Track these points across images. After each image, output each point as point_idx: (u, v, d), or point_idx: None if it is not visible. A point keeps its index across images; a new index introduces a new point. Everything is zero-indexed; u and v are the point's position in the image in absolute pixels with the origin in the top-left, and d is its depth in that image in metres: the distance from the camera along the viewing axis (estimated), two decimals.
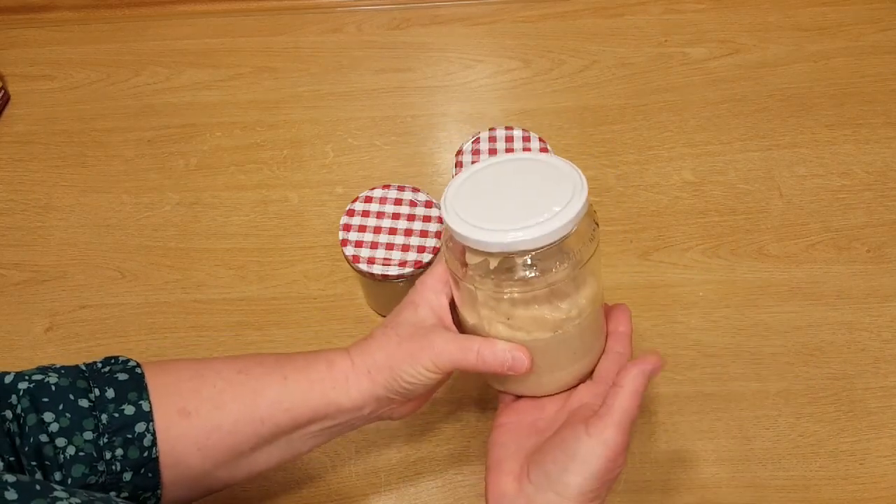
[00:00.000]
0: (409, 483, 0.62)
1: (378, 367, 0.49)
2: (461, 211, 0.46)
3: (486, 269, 0.46)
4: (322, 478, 0.62)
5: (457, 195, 0.48)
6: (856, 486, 0.60)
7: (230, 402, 0.49)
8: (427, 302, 0.50)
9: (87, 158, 0.81)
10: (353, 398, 0.49)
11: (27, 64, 0.89)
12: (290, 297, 0.71)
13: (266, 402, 0.49)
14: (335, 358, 0.50)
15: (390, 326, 0.50)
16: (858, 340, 0.66)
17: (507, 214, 0.45)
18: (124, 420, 0.47)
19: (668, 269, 0.71)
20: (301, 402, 0.49)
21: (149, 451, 0.47)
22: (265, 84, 0.86)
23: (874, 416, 0.63)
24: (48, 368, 0.48)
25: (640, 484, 0.61)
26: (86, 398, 0.47)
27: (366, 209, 0.64)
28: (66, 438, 0.46)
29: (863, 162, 0.77)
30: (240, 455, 0.50)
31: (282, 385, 0.49)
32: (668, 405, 0.64)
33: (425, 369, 0.48)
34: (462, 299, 0.50)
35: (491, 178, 0.49)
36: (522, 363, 0.48)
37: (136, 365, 0.50)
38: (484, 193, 0.47)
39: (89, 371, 0.49)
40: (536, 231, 0.44)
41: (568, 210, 0.44)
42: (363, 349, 0.50)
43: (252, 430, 0.49)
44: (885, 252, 0.71)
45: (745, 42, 0.86)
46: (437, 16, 0.90)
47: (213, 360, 0.52)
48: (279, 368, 0.50)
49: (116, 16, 0.92)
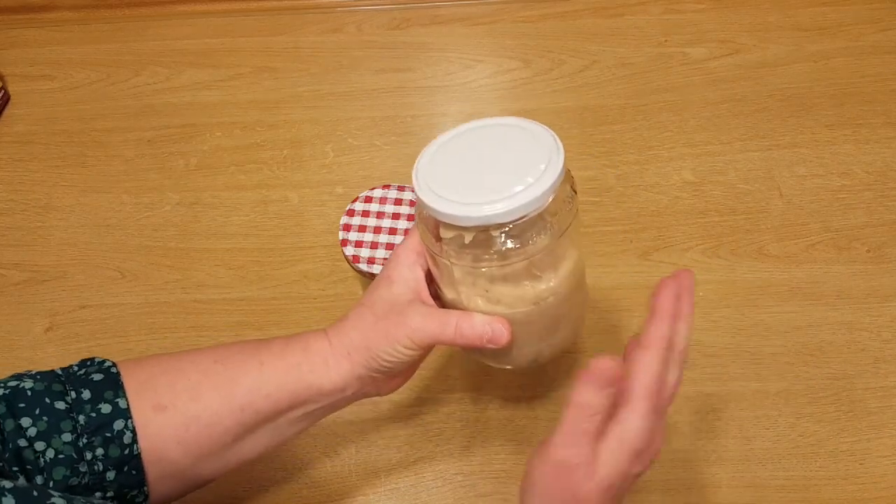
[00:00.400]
0: (409, 483, 0.62)
1: (356, 348, 0.48)
2: (433, 184, 0.44)
3: (461, 244, 0.45)
4: (322, 478, 0.62)
5: (429, 166, 0.46)
6: (856, 486, 0.60)
7: (207, 393, 0.48)
8: (402, 276, 0.49)
9: (87, 158, 0.81)
10: (333, 380, 0.49)
11: (27, 64, 0.89)
12: (290, 297, 0.71)
13: (244, 390, 0.48)
14: (312, 340, 0.50)
15: (366, 304, 0.49)
16: (858, 340, 0.66)
17: (481, 186, 0.43)
18: (102, 419, 0.47)
19: (668, 269, 0.71)
20: (279, 387, 0.48)
21: (129, 448, 0.47)
22: (265, 84, 0.86)
23: (874, 416, 0.63)
24: (23, 375, 0.48)
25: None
26: (62, 401, 0.47)
27: (366, 209, 0.64)
28: (44, 442, 0.45)
29: (863, 162, 0.77)
30: (223, 446, 0.49)
31: (258, 371, 0.49)
32: None
33: (403, 346, 0.47)
34: (439, 273, 0.48)
35: (463, 147, 0.47)
36: (502, 335, 0.46)
37: (111, 365, 0.49)
38: (456, 164, 0.45)
39: (65, 375, 0.49)
40: (512, 203, 0.42)
41: (544, 179, 0.42)
42: (340, 330, 0.49)
43: (232, 419, 0.48)
44: (885, 252, 0.71)
45: (745, 42, 0.86)
46: (437, 16, 0.90)
47: (190, 352, 0.51)
48: (256, 355, 0.49)
49: (116, 16, 0.92)
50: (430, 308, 0.48)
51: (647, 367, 0.42)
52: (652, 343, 0.43)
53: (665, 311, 0.44)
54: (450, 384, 0.65)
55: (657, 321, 0.43)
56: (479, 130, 0.48)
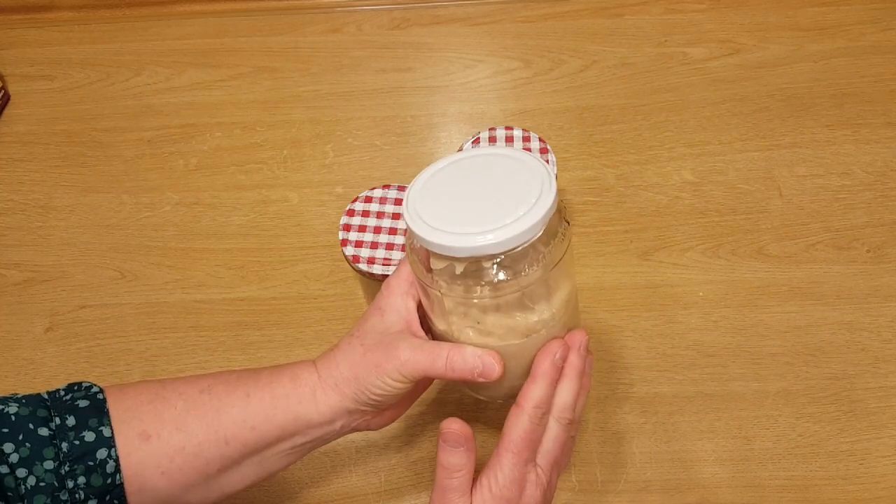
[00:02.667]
0: (409, 483, 0.62)
1: (344, 380, 0.47)
2: (424, 213, 0.44)
3: (452, 274, 0.44)
4: (322, 478, 0.62)
5: (420, 196, 0.45)
6: (856, 486, 0.60)
7: (192, 423, 0.47)
8: (393, 306, 0.48)
9: (87, 158, 0.81)
10: (321, 412, 0.48)
11: (27, 64, 0.89)
12: (290, 297, 0.71)
13: (230, 421, 0.47)
14: (300, 372, 0.49)
15: (356, 335, 0.49)
16: (858, 340, 0.66)
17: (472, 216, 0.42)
18: (85, 447, 0.46)
19: (668, 269, 0.71)
20: (266, 419, 0.47)
21: (112, 477, 0.46)
22: (265, 84, 0.86)
23: (874, 416, 0.63)
24: (9, 399, 0.47)
25: (640, 484, 0.61)
26: (46, 427, 0.46)
27: (366, 209, 0.64)
28: (26, 469, 0.44)
29: (863, 162, 0.77)
30: (207, 477, 0.48)
31: (245, 403, 0.48)
32: (668, 405, 0.64)
33: (392, 379, 0.46)
34: (430, 304, 0.48)
35: (455, 177, 0.46)
36: (493, 369, 0.46)
37: (98, 391, 0.48)
38: (447, 194, 0.45)
39: (51, 399, 0.48)
40: (503, 234, 0.41)
41: (536, 210, 0.42)
42: (329, 361, 0.49)
43: (217, 450, 0.47)
44: (885, 252, 0.71)
45: (745, 42, 0.86)
46: (437, 16, 0.90)
47: (176, 381, 0.50)
48: (242, 386, 0.48)
49: (116, 16, 0.92)
50: (421, 340, 0.47)
51: (514, 423, 0.46)
52: (523, 402, 0.46)
53: (538, 373, 0.46)
54: (450, 384, 0.65)
55: (530, 382, 0.46)
56: (471, 160, 0.47)
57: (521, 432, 0.45)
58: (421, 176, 0.47)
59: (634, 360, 0.66)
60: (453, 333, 0.47)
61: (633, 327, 0.68)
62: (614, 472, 0.61)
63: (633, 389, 0.65)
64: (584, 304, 0.69)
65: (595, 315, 0.69)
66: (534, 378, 0.46)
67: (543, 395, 0.46)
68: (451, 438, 0.45)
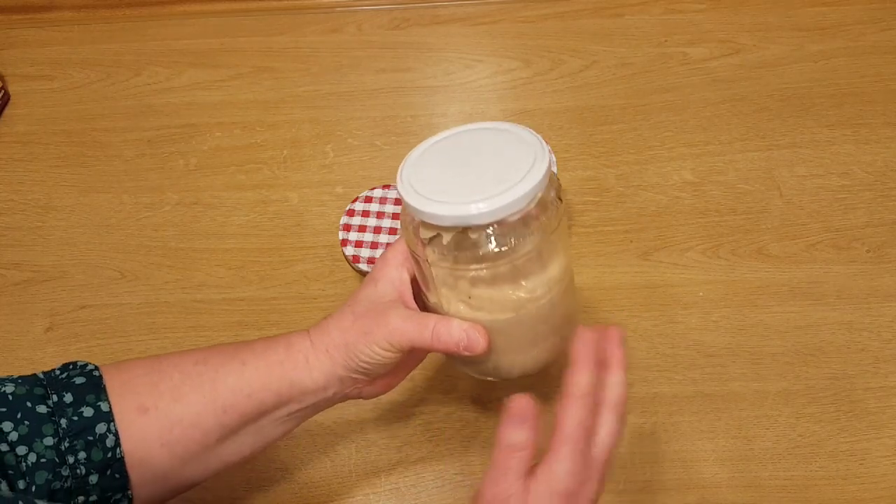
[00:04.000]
0: (409, 483, 0.62)
1: (335, 345, 0.48)
2: (416, 183, 0.44)
3: (440, 245, 0.44)
4: (322, 478, 0.62)
5: (414, 167, 0.45)
6: (856, 486, 0.60)
7: (189, 394, 0.48)
8: (387, 277, 0.49)
9: (87, 158, 0.81)
10: (314, 378, 0.48)
11: (27, 64, 0.89)
12: (290, 297, 0.71)
13: (226, 390, 0.48)
14: (294, 339, 0.50)
15: (348, 304, 0.50)
16: (858, 340, 0.66)
17: (462, 186, 0.42)
18: (84, 423, 0.46)
19: (668, 269, 0.71)
20: (262, 386, 0.48)
21: (112, 451, 0.46)
22: (265, 84, 0.86)
23: (874, 416, 0.63)
24: (5, 379, 0.47)
25: (640, 484, 0.61)
26: (44, 404, 0.46)
27: (366, 209, 0.64)
28: (26, 446, 0.45)
29: (863, 162, 0.77)
30: (207, 447, 0.48)
31: (240, 371, 0.48)
32: (668, 405, 0.64)
33: (380, 348, 0.47)
34: (422, 276, 0.48)
35: (451, 149, 0.46)
36: (478, 343, 0.46)
37: (93, 368, 0.49)
38: (442, 165, 0.45)
39: (47, 378, 0.48)
40: (491, 204, 0.41)
41: (525, 182, 0.42)
42: (321, 328, 0.49)
43: (215, 420, 0.48)
44: (885, 252, 0.71)
45: (745, 42, 0.86)
46: (437, 16, 0.90)
47: (172, 354, 0.50)
48: (237, 355, 0.49)
49: (116, 16, 0.92)
50: (410, 311, 0.48)
51: (568, 413, 0.44)
52: (573, 391, 0.44)
53: (582, 359, 0.44)
54: (450, 384, 0.65)
55: (575, 369, 0.44)
56: (468, 133, 0.47)
57: (576, 422, 0.44)
58: (418, 148, 0.47)
59: (634, 360, 0.66)
60: (443, 306, 0.47)
61: (633, 327, 0.68)
62: (614, 472, 0.61)
63: (633, 389, 0.65)
64: (584, 304, 0.69)
65: (595, 315, 0.69)
66: (577, 365, 0.45)
67: (590, 381, 0.44)
68: (517, 413, 0.43)
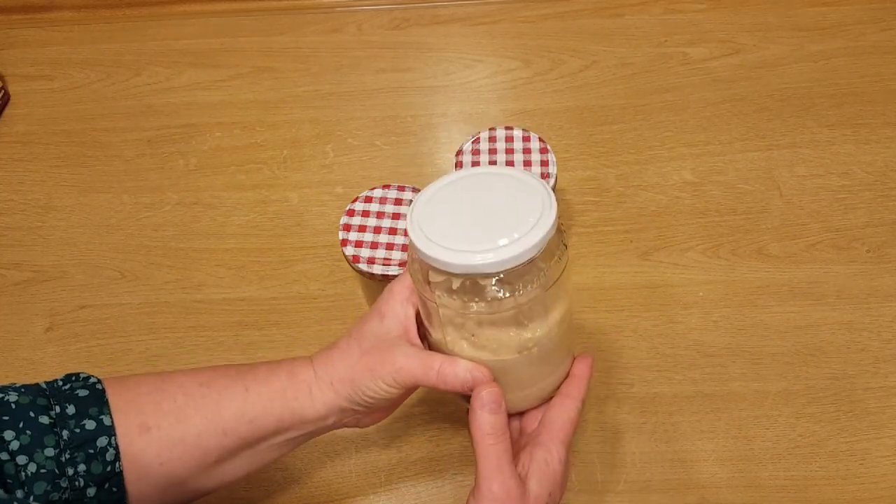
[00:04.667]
0: (409, 483, 0.62)
1: (340, 379, 0.49)
2: (426, 227, 0.45)
3: (449, 288, 0.45)
4: (322, 478, 0.62)
5: (423, 209, 0.46)
6: (856, 486, 0.60)
7: (192, 416, 0.48)
8: (393, 312, 0.49)
9: (87, 158, 0.81)
10: (316, 409, 0.49)
11: (27, 64, 0.89)
12: (290, 297, 0.71)
13: (229, 414, 0.48)
14: (297, 368, 0.50)
15: (354, 337, 0.50)
16: (858, 340, 0.66)
17: (472, 234, 0.43)
18: (86, 435, 0.46)
19: (668, 269, 0.71)
20: (263, 413, 0.49)
21: (112, 465, 0.47)
22: (265, 84, 0.86)
23: (874, 416, 0.63)
24: (8, 388, 0.48)
25: (640, 484, 0.61)
26: (46, 415, 0.46)
27: (366, 209, 0.64)
28: (27, 456, 0.45)
29: (863, 162, 0.77)
30: (205, 468, 0.49)
31: (243, 397, 0.49)
32: (668, 405, 0.64)
33: (385, 384, 0.48)
34: (427, 314, 0.49)
35: (459, 193, 0.47)
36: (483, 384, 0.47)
37: (96, 381, 0.49)
38: (450, 209, 0.46)
39: (50, 389, 0.49)
40: (501, 254, 0.42)
41: (534, 232, 0.43)
42: (326, 360, 0.50)
43: (216, 442, 0.49)
44: (885, 252, 0.71)
45: (745, 42, 0.86)
46: (437, 16, 0.90)
47: (175, 374, 0.51)
48: (241, 380, 0.50)
49: (116, 16, 0.92)
50: (416, 349, 0.48)
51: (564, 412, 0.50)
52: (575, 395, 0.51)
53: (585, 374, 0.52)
54: None
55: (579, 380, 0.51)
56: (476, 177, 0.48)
57: (570, 421, 0.49)
58: (428, 189, 0.48)
59: (634, 360, 0.66)
60: (447, 344, 0.48)
61: (633, 327, 0.68)
62: (614, 472, 0.61)
63: (633, 389, 0.65)
64: (585, 304, 0.69)
65: (595, 315, 0.69)
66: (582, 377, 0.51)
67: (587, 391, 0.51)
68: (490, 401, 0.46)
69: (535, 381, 0.51)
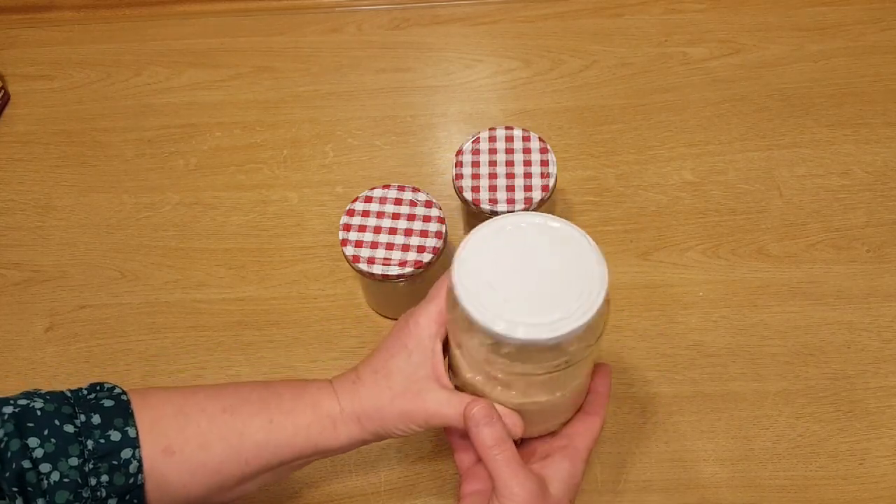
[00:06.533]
0: (409, 484, 0.62)
1: (369, 418, 0.49)
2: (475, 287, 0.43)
3: (498, 349, 0.45)
4: (322, 479, 0.62)
5: (470, 265, 0.44)
6: (856, 486, 0.60)
7: (215, 444, 0.48)
8: (421, 348, 0.49)
9: (87, 158, 0.81)
10: (340, 442, 0.50)
11: (27, 64, 0.89)
12: (290, 297, 0.71)
13: (252, 445, 0.49)
14: (321, 399, 0.50)
15: (380, 373, 0.49)
16: (858, 340, 0.66)
17: (531, 303, 0.42)
18: (111, 446, 0.46)
19: (668, 269, 0.71)
20: (286, 444, 0.49)
21: (134, 477, 0.47)
22: (265, 84, 0.86)
23: (874, 416, 0.63)
24: (33, 394, 0.48)
25: (640, 484, 0.61)
26: (71, 424, 0.46)
27: (366, 209, 0.64)
28: (50, 464, 0.45)
29: (863, 162, 0.77)
30: (224, 489, 0.50)
31: (268, 429, 0.49)
32: (668, 405, 0.64)
33: (416, 426, 0.49)
34: (459, 355, 0.48)
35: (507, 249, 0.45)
36: (515, 431, 0.48)
37: (121, 392, 0.50)
38: (500, 269, 0.44)
39: (74, 397, 0.49)
40: (561, 327, 0.41)
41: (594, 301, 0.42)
42: (352, 394, 0.50)
43: (237, 469, 0.49)
44: (885, 252, 0.71)
45: (745, 42, 0.86)
46: (437, 16, 0.90)
47: (198, 394, 0.51)
48: (265, 410, 0.50)
49: (116, 16, 0.92)
50: (448, 394, 0.48)
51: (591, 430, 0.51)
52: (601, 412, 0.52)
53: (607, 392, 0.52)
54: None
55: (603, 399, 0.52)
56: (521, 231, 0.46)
57: (593, 438, 0.51)
58: (471, 239, 0.45)
59: (634, 360, 0.66)
60: (478, 386, 0.48)
61: (633, 327, 0.68)
62: (614, 472, 0.61)
63: (633, 389, 0.65)
64: None
65: None
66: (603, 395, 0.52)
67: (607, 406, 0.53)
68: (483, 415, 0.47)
69: (559, 415, 0.52)
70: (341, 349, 0.68)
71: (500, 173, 0.64)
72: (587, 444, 0.50)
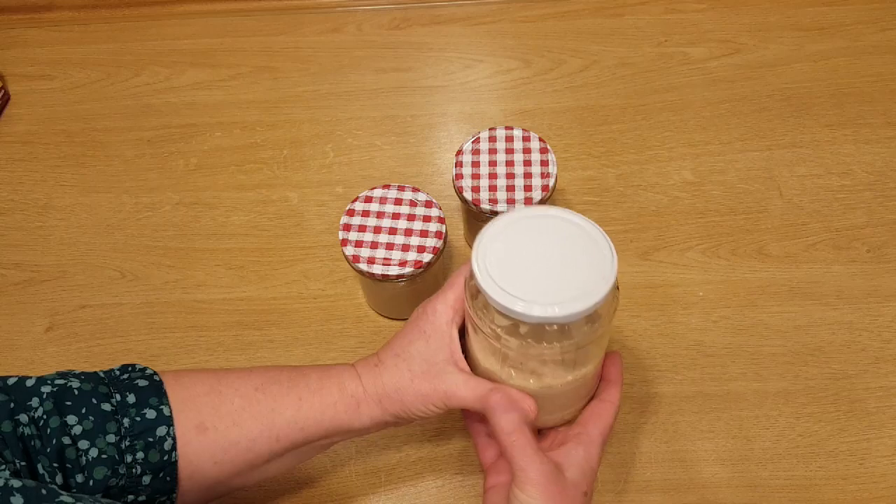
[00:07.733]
0: (409, 483, 0.62)
1: (389, 399, 0.51)
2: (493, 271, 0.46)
3: (514, 331, 0.47)
4: (322, 478, 0.62)
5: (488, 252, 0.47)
6: (856, 486, 0.60)
7: (248, 421, 0.50)
8: (439, 333, 0.51)
9: (87, 158, 0.81)
10: (363, 422, 0.52)
11: (27, 64, 0.89)
12: (290, 297, 0.71)
13: (282, 422, 0.51)
14: (346, 380, 0.52)
15: (401, 357, 0.51)
16: (858, 340, 0.66)
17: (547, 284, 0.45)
18: (146, 424, 0.48)
19: (668, 269, 0.71)
20: (314, 423, 0.51)
21: (168, 455, 0.48)
22: (265, 84, 0.86)
23: (874, 416, 0.63)
24: (69, 374, 0.49)
25: (640, 484, 0.61)
26: (108, 402, 0.48)
27: (366, 209, 0.64)
28: (88, 441, 0.46)
29: (863, 162, 0.77)
30: (254, 467, 0.51)
31: (297, 406, 0.51)
32: (668, 405, 0.64)
33: (435, 407, 0.51)
34: (477, 339, 0.50)
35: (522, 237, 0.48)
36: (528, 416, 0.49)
37: (153, 373, 0.51)
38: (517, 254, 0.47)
39: (108, 378, 0.50)
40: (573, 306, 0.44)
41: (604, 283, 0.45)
42: (374, 377, 0.52)
43: (268, 446, 0.51)
44: (885, 252, 0.71)
45: (745, 42, 0.86)
46: (437, 16, 0.90)
47: (229, 374, 0.53)
48: (294, 389, 0.52)
49: (116, 16, 0.92)
50: (466, 377, 0.50)
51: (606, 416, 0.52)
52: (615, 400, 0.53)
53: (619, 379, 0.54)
54: None
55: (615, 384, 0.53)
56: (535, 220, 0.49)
57: (609, 425, 0.52)
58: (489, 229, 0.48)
59: (634, 360, 0.66)
60: (496, 372, 0.50)
61: (633, 327, 0.68)
62: (614, 472, 0.61)
63: (633, 389, 0.65)
64: None
65: None
66: (616, 382, 0.53)
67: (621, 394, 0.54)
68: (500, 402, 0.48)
69: (574, 403, 0.53)
70: (341, 349, 0.68)
71: (500, 173, 0.64)
72: (601, 430, 0.51)
